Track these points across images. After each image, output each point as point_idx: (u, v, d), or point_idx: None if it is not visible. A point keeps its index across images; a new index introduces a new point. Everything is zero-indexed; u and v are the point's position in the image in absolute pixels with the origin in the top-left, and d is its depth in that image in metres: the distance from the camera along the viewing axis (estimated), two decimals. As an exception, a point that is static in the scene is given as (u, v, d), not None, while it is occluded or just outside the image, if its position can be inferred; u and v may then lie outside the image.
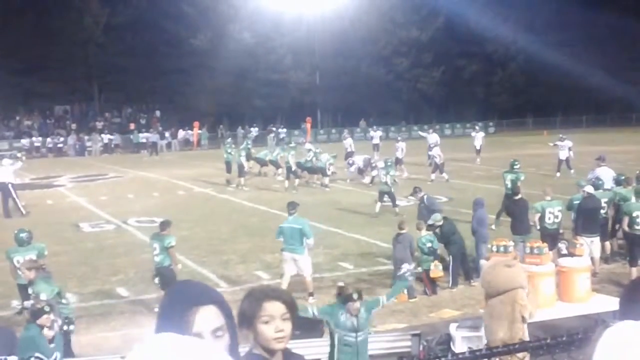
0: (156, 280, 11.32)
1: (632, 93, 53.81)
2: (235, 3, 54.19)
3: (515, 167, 17.95)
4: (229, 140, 28.06)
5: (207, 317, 1.93)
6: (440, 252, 12.60)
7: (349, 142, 32.05)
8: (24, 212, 20.58)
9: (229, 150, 27.08)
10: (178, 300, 1.96)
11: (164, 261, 11.16)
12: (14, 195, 20.89)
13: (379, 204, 19.25)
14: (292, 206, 12.33)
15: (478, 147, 32.73)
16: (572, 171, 25.28)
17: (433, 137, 32.34)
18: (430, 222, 12.91)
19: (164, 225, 11.57)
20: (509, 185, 16.63)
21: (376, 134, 36.36)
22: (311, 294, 11.80)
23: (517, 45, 61.99)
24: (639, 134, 45.97)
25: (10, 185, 20.85)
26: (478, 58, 63.49)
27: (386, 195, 19.28)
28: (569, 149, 26.85)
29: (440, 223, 12.75)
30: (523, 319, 6.26)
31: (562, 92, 60.86)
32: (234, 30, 53.93)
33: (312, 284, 11.96)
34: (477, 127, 33.75)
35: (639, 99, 54.73)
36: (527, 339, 5.72)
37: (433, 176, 25.73)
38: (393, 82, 60.89)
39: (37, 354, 6.57)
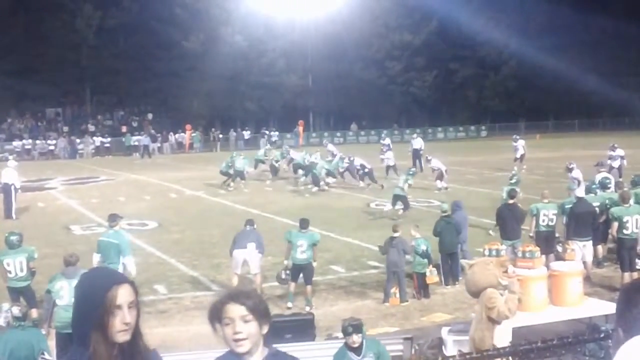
0: (284, 274, 11.77)
1: (624, 97, 54.06)
2: (228, 6, 54.16)
3: (511, 181, 18.08)
4: (235, 154, 28.15)
5: (125, 293, 2.33)
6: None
7: (331, 148, 31.92)
8: (14, 216, 20.50)
9: (230, 163, 26.72)
10: (100, 279, 2.39)
11: (310, 257, 11.63)
12: (13, 199, 20.86)
13: (390, 207, 19.35)
14: (112, 219, 11.55)
15: (518, 156, 30.70)
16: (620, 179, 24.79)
17: (418, 142, 32.43)
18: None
19: (306, 223, 11.87)
20: (505, 197, 16.73)
21: (386, 141, 36.21)
22: None
23: (509, 49, 62.12)
24: (632, 138, 46.07)
25: (12, 187, 20.87)
26: (470, 62, 63.64)
27: (399, 201, 19.26)
28: (622, 157, 25.82)
29: (446, 214, 13.09)
30: (491, 320, 6.26)
31: (555, 96, 61.07)
32: (226, 33, 53.87)
33: None
34: (516, 137, 32.16)
35: (631, 103, 55.04)
36: (497, 341, 5.68)
37: (439, 184, 24.63)
38: (385, 86, 60.96)
39: None
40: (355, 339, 6.70)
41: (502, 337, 5.96)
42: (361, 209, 21.35)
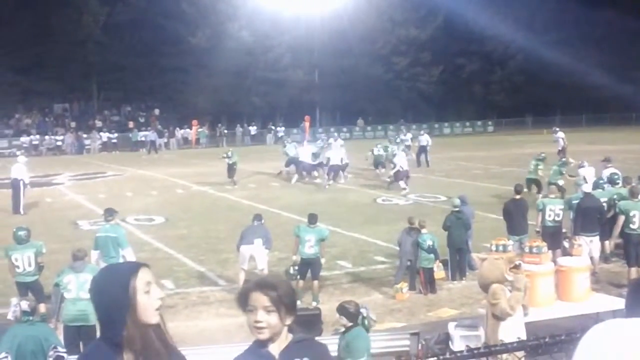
0: (292, 270, 11.67)
1: (631, 92, 53.79)
2: (234, 2, 54.12)
3: (560, 163, 20.01)
4: (231, 150, 27.98)
5: (150, 273, 2.41)
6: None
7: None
8: (22, 212, 20.62)
9: (230, 155, 26.65)
10: (123, 266, 2.49)
11: (317, 252, 11.70)
12: (21, 194, 21.03)
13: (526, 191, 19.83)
14: (109, 213, 11.69)
15: (560, 148, 30.48)
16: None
17: (424, 139, 32.36)
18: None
19: (314, 218, 11.98)
20: (532, 169, 19.45)
21: (407, 136, 35.56)
22: None
23: (516, 44, 61.92)
24: (639, 133, 45.96)
25: (21, 183, 21.03)
26: (477, 57, 63.47)
27: (534, 185, 19.90)
28: None
29: (457, 209, 13.09)
30: (494, 317, 6.28)
31: (562, 91, 60.86)
32: (233, 29, 53.88)
33: None
34: (555, 129, 31.76)
35: (638, 98, 54.74)
36: (507, 337, 5.69)
37: (402, 184, 23.14)
38: (392, 81, 60.88)
39: None
40: (342, 322, 6.85)
41: (512, 333, 5.95)
42: (368, 204, 21.36)
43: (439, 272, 12.18)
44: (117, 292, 2.32)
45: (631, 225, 12.00)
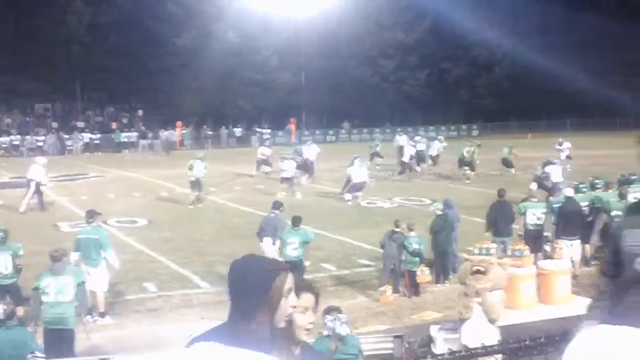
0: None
1: (615, 97, 54.22)
2: (220, 3, 53.97)
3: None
4: (202, 155, 25.49)
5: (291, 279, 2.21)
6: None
7: (264, 151, 29.20)
8: (21, 210, 20.87)
9: (202, 156, 24.08)
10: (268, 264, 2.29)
11: (301, 255, 11.65)
12: (30, 194, 21.39)
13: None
14: (90, 215, 11.59)
15: (563, 157, 29.77)
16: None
17: (402, 140, 32.15)
18: (432, 207, 13.82)
19: (298, 221, 11.95)
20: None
21: (401, 138, 32.96)
22: (102, 314, 11.04)
23: (502, 49, 62.28)
24: (623, 138, 46.14)
25: (34, 183, 21.31)
26: (463, 61, 63.74)
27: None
28: None
29: (439, 213, 13.14)
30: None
31: (546, 96, 61.23)
32: (219, 30, 53.69)
33: (104, 302, 11.14)
34: (561, 140, 31.58)
35: (622, 102, 55.20)
36: (465, 340, 5.78)
37: (349, 196, 22.10)
38: (378, 84, 60.97)
39: None
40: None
41: (477, 337, 6.00)
42: (353, 207, 21.35)
43: (423, 276, 12.12)
44: (256, 283, 2.22)
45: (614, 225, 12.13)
